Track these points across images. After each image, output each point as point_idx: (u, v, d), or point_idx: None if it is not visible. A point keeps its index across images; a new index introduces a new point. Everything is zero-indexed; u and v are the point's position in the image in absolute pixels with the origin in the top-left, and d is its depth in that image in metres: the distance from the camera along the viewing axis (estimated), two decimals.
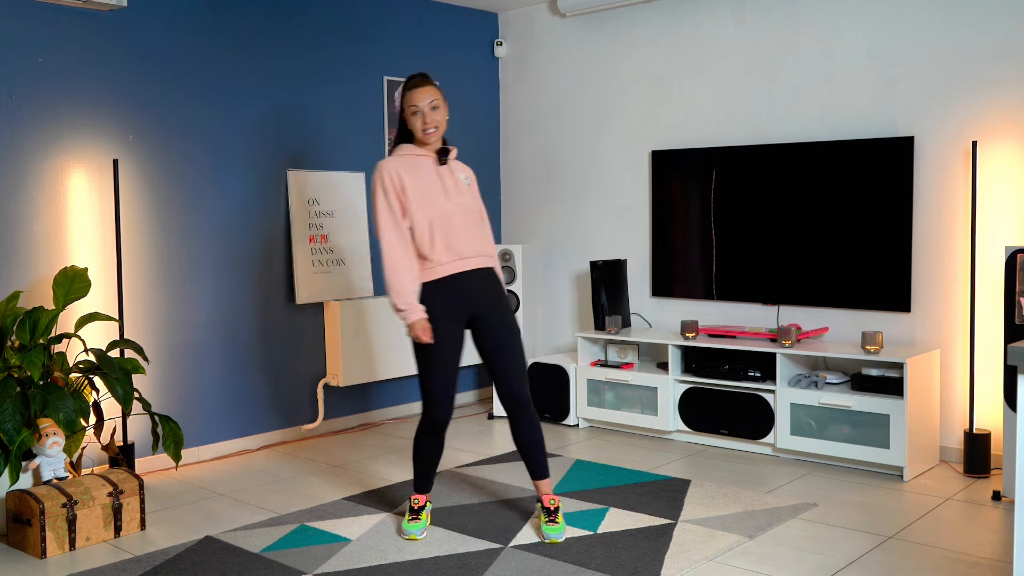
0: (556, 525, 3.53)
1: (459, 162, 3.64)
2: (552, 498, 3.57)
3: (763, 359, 4.73)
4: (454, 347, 3.49)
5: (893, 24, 4.65)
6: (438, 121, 3.48)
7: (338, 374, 5.25)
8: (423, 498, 3.67)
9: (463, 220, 3.50)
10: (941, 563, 3.29)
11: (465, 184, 3.57)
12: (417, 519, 3.61)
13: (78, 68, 4.36)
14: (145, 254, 4.61)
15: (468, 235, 3.50)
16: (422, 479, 3.67)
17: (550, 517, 3.54)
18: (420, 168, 3.50)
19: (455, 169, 3.57)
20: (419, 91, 3.46)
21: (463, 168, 3.64)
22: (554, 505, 3.56)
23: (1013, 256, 3.92)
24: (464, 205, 3.52)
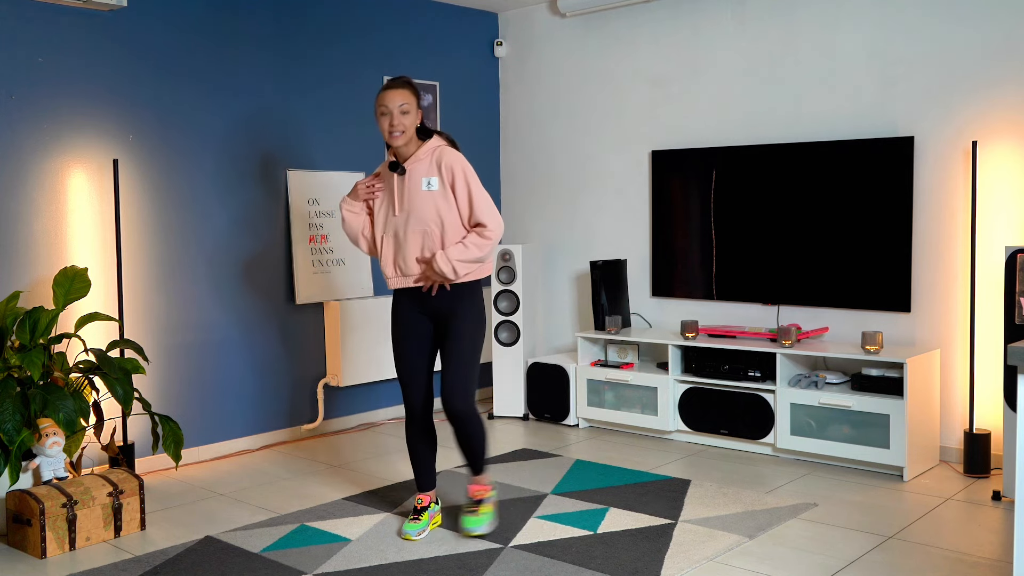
0: (474, 516, 3.59)
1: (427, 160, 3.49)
2: (478, 488, 3.62)
3: (763, 359, 4.73)
4: (414, 338, 3.57)
5: (893, 24, 4.65)
6: (406, 125, 3.44)
7: (338, 374, 5.25)
8: (425, 498, 3.67)
9: (409, 235, 3.47)
10: (941, 563, 3.29)
11: (427, 190, 3.46)
12: (417, 519, 3.62)
13: (78, 68, 4.36)
14: (145, 254, 4.61)
15: (412, 254, 3.48)
16: (417, 475, 3.70)
17: (471, 507, 3.61)
18: (388, 180, 3.57)
19: (417, 175, 3.48)
20: (391, 92, 3.44)
21: (429, 170, 3.48)
22: (478, 496, 3.61)
23: (1013, 256, 3.92)
24: (413, 221, 3.46)
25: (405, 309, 3.58)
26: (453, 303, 3.52)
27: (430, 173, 3.49)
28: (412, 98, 3.47)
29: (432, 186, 3.47)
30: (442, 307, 3.53)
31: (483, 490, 3.63)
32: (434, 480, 3.72)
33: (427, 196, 3.47)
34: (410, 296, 3.57)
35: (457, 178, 3.47)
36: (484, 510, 3.60)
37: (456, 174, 3.47)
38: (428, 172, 3.49)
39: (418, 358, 3.60)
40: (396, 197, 3.50)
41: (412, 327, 3.58)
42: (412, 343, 3.58)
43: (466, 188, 3.46)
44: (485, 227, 3.46)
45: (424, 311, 3.56)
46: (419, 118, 3.51)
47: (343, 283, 5.38)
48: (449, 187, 3.47)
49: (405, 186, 3.49)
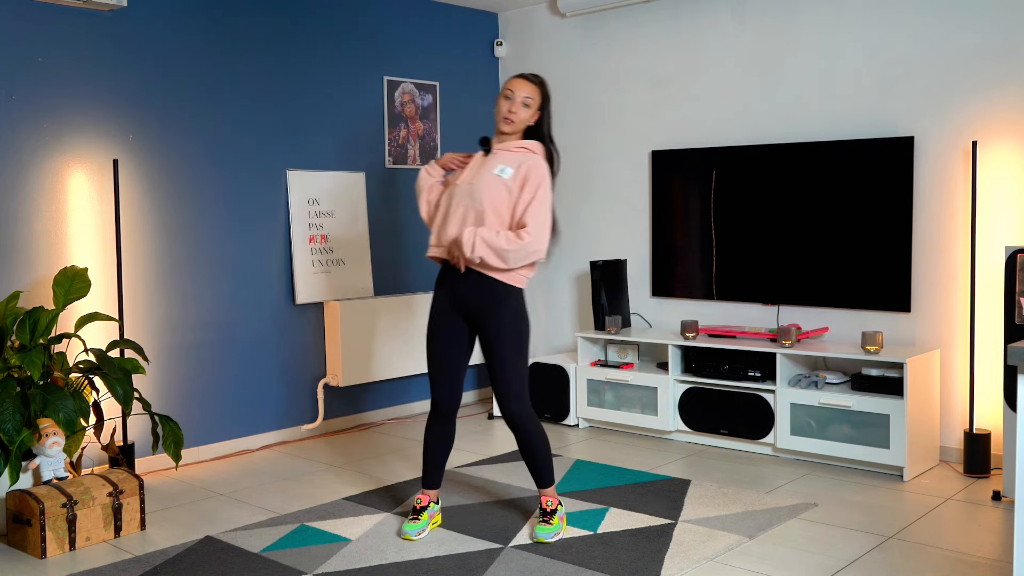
0: (548, 525, 3.54)
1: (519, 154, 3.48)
2: (550, 499, 3.58)
3: (763, 359, 4.73)
4: (447, 335, 3.54)
5: (893, 24, 4.65)
6: (521, 117, 3.47)
7: (338, 374, 5.25)
8: (426, 498, 3.66)
9: (456, 210, 3.48)
10: (941, 563, 3.29)
11: (498, 175, 3.44)
12: (417, 519, 3.61)
13: (78, 68, 4.36)
14: (145, 254, 4.61)
15: (454, 225, 3.47)
16: (425, 472, 3.67)
17: (544, 517, 3.56)
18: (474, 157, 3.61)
19: (497, 159, 3.49)
20: (522, 81, 3.52)
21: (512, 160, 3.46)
22: (551, 507, 3.56)
23: (1013, 256, 3.92)
24: (472, 196, 3.44)
25: (442, 304, 3.56)
26: (487, 304, 3.46)
27: (509, 163, 3.47)
28: (539, 96, 3.52)
29: (504, 174, 3.45)
30: (476, 307, 3.48)
31: (554, 500, 3.59)
32: (440, 480, 3.70)
33: (494, 180, 3.44)
34: (448, 290, 3.53)
35: (530, 181, 3.43)
36: (556, 521, 3.56)
37: (531, 179, 3.43)
38: (508, 162, 3.47)
39: (448, 354, 3.56)
40: (468, 173, 3.52)
41: (446, 323, 3.55)
42: (444, 339, 3.55)
43: (532, 195, 3.42)
44: (525, 228, 3.40)
45: (459, 309, 3.52)
46: (535, 120, 3.53)
47: (343, 283, 5.38)
48: (519, 186, 3.43)
49: (483, 164, 3.51)
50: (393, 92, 5.68)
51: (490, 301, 3.46)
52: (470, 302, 3.49)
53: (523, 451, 3.58)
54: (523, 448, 3.57)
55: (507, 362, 3.47)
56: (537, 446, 3.55)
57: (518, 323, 3.49)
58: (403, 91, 5.72)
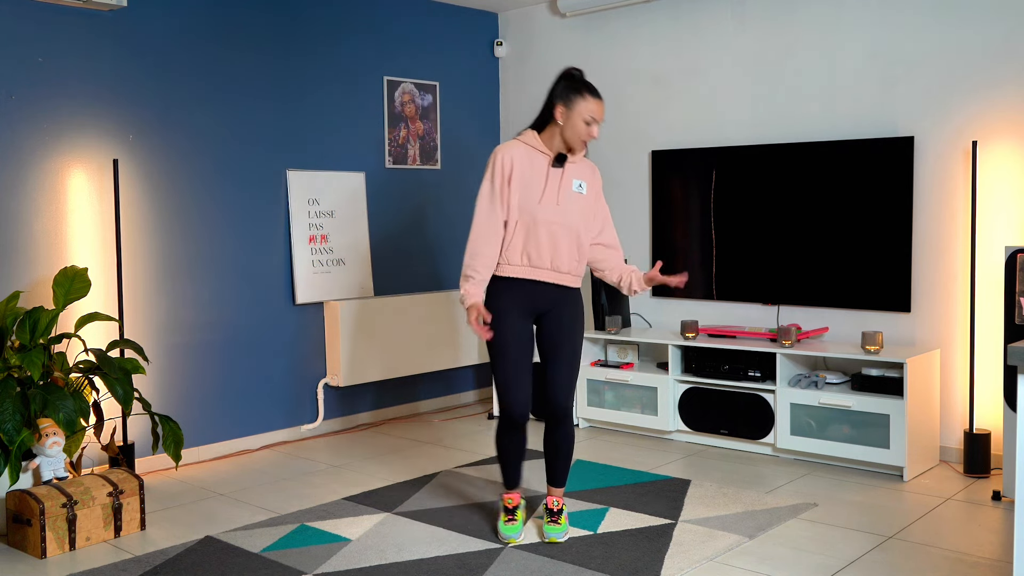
0: (557, 525, 3.53)
1: (583, 164, 3.51)
2: (557, 499, 3.57)
3: (763, 359, 4.73)
4: (521, 339, 3.45)
5: (893, 24, 4.65)
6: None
7: (338, 374, 5.25)
8: (516, 497, 3.62)
9: (550, 232, 3.39)
10: (941, 563, 3.29)
11: (577, 191, 3.44)
12: (513, 520, 3.58)
13: (78, 68, 4.36)
14: (145, 254, 4.61)
15: (547, 248, 3.40)
16: (508, 476, 3.62)
17: (552, 517, 3.55)
18: (534, 163, 3.43)
19: (570, 174, 3.45)
20: (601, 104, 3.43)
21: (583, 173, 3.48)
22: (557, 506, 3.56)
23: (1013, 256, 3.92)
24: (561, 217, 3.39)
25: (514, 308, 3.44)
26: (569, 301, 3.50)
27: (582, 177, 3.48)
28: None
29: (583, 189, 3.47)
30: (556, 305, 3.48)
31: (560, 500, 3.58)
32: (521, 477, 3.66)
33: (577, 197, 3.45)
34: (522, 298, 3.44)
35: (600, 192, 3.55)
36: (563, 520, 3.55)
37: (599, 188, 3.55)
38: (580, 175, 3.48)
39: (525, 364, 3.48)
40: (548, 186, 3.40)
41: (521, 331, 3.46)
42: (522, 349, 3.46)
43: (604, 205, 3.57)
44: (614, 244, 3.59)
45: (533, 309, 3.47)
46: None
47: (343, 283, 5.38)
48: (594, 198, 3.52)
49: (560, 181, 3.43)
50: (393, 92, 5.68)
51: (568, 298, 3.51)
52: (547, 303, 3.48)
53: (554, 448, 3.56)
54: (557, 445, 3.55)
55: (577, 355, 3.54)
56: (570, 444, 3.58)
57: (583, 324, 3.60)
58: (403, 91, 5.72)
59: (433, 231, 5.89)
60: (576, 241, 3.44)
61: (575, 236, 3.43)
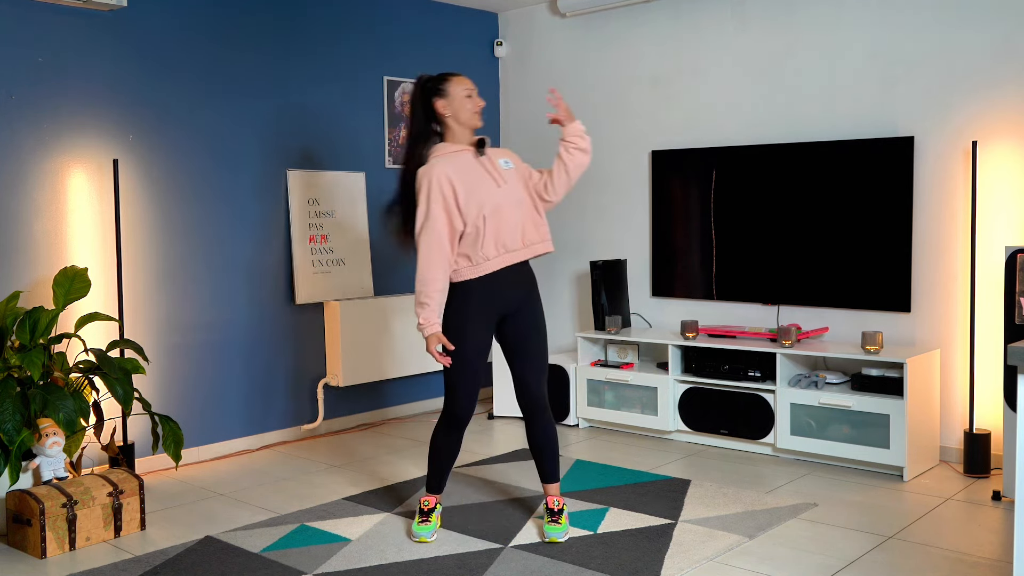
0: (558, 525, 3.53)
1: (496, 148, 3.61)
2: (557, 499, 3.57)
3: (763, 359, 4.73)
4: (481, 347, 3.48)
5: (893, 24, 4.65)
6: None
7: (338, 374, 5.25)
8: (433, 500, 3.63)
9: (512, 211, 3.45)
10: (941, 563, 3.29)
11: (507, 168, 3.52)
12: (427, 521, 3.58)
13: (78, 68, 4.36)
14: (145, 254, 4.61)
15: (517, 226, 3.46)
16: (435, 479, 3.63)
17: (552, 517, 3.54)
18: (464, 164, 3.44)
19: (495, 156, 3.53)
20: (464, 77, 3.56)
21: (502, 153, 3.59)
22: (558, 506, 3.56)
23: (1013, 256, 3.92)
24: (513, 193, 3.47)
25: (479, 317, 3.44)
26: (531, 291, 3.54)
27: (504, 156, 3.58)
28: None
29: (510, 164, 3.55)
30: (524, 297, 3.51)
31: (561, 500, 3.58)
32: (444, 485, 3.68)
33: (511, 173, 3.52)
34: (495, 293, 3.45)
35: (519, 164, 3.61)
36: (563, 520, 3.55)
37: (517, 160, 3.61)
38: (502, 155, 3.57)
39: (481, 366, 3.50)
40: (491, 174, 3.45)
41: (484, 334, 3.47)
42: (481, 351, 3.47)
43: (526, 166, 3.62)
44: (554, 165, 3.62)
45: (500, 307, 3.48)
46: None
47: (343, 283, 5.38)
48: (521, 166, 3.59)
49: (492, 164, 3.49)
50: (393, 92, 5.67)
51: (534, 288, 3.56)
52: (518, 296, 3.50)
53: (540, 441, 3.55)
54: (541, 438, 3.55)
55: (545, 347, 3.57)
56: (554, 434, 3.58)
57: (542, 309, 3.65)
58: (403, 91, 5.72)
59: None
60: (530, 209, 3.53)
61: (529, 206, 3.53)
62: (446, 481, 3.67)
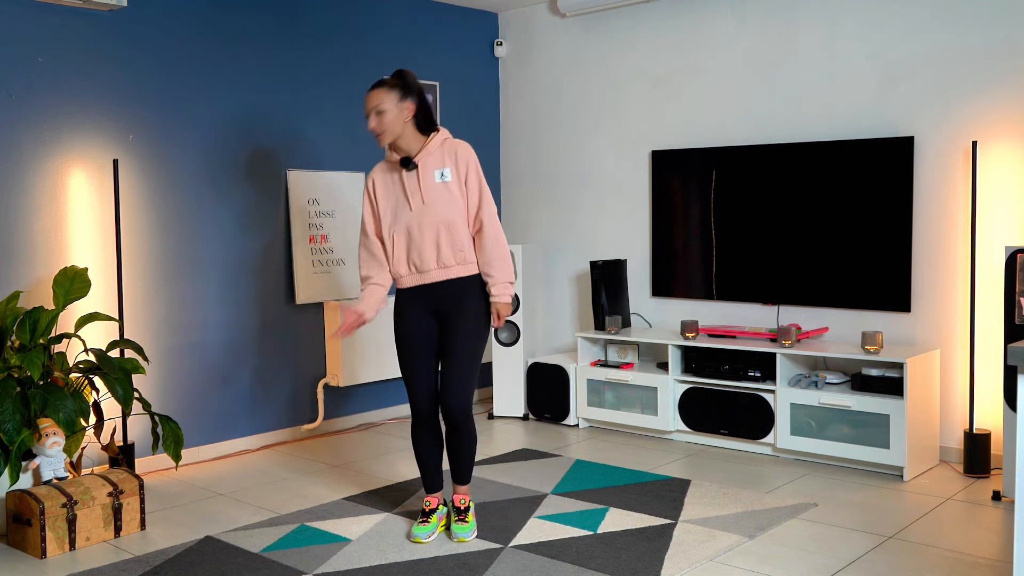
0: (464, 523, 3.57)
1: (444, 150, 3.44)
2: (463, 498, 3.61)
3: (763, 359, 4.73)
4: (420, 338, 3.51)
5: (893, 24, 4.65)
6: (384, 126, 3.38)
7: (338, 374, 5.25)
8: (434, 500, 3.64)
9: (424, 232, 3.41)
10: (941, 563, 3.29)
11: (440, 182, 3.42)
12: (426, 522, 3.59)
13: (78, 68, 4.36)
14: (145, 254, 4.61)
15: (431, 247, 3.42)
16: (424, 477, 3.65)
17: (459, 516, 3.59)
18: (392, 177, 3.49)
19: (430, 167, 3.43)
20: (369, 94, 3.43)
21: (444, 160, 3.43)
22: (464, 504, 3.60)
23: (1013, 256, 3.92)
24: (431, 214, 3.39)
25: (412, 308, 3.51)
26: (461, 300, 3.47)
27: (443, 164, 3.44)
28: (389, 96, 3.39)
29: (446, 177, 3.42)
30: (450, 304, 3.47)
31: (467, 497, 3.62)
32: (441, 482, 3.68)
33: (442, 188, 3.42)
34: (419, 294, 3.50)
35: (471, 171, 3.46)
36: (471, 518, 3.59)
37: (470, 167, 3.46)
38: (440, 163, 3.44)
39: (425, 358, 3.53)
40: (408, 192, 3.43)
41: (420, 326, 3.51)
42: (420, 342, 3.51)
43: (477, 182, 3.46)
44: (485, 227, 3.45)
45: (431, 310, 3.50)
46: (409, 112, 3.42)
47: (343, 283, 5.38)
48: (463, 179, 3.44)
49: (418, 181, 3.43)
50: None
51: (464, 298, 3.48)
52: (444, 304, 3.48)
53: (452, 451, 3.57)
54: (453, 445, 3.56)
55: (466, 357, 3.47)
56: (468, 445, 3.57)
57: (483, 325, 3.52)
58: None
59: None
60: (453, 232, 3.41)
61: (451, 227, 3.41)
62: (439, 479, 3.66)
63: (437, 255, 3.43)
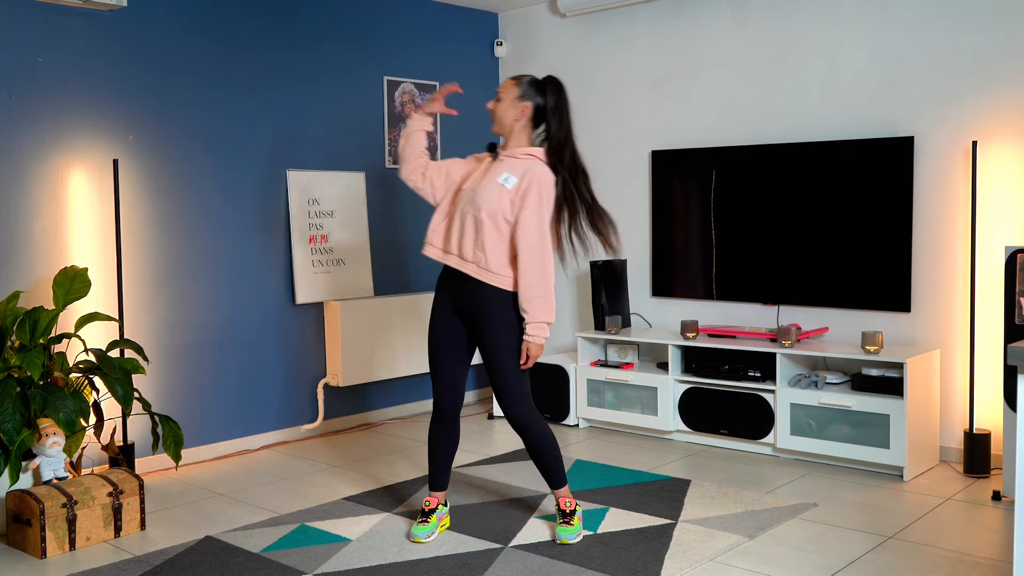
0: (569, 526, 3.52)
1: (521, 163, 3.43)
2: (567, 500, 3.56)
3: (763, 359, 4.73)
4: (446, 334, 3.52)
5: (893, 24, 4.65)
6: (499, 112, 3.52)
7: (338, 374, 5.25)
8: (434, 500, 3.63)
9: (458, 214, 3.45)
10: (941, 563, 3.29)
11: (501, 183, 3.40)
12: (426, 522, 3.58)
13: (78, 68, 4.36)
14: (145, 254, 4.61)
15: (455, 230, 3.45)
16: (431, 473, 3.64)
17: (564, 519, 3.54)
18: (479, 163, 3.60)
19: (502, 167, 3.45)
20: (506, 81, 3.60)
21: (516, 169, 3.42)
22: (569, 507, 3.55)
23: (1013, 256, 3.92)
24: (472, 201, 3.40)
25: (442, 304, 3.55)
26: (487, 309, 3.42)
27: (513, 172, 3.42)
28: (512, 89, 3.51)
29: (507, 183, 3.40)
30: (474, 309, 3.45)
31: (571, 500, 3.56)
32: (447, 482, 3.67)
33: (497, 189, 3.40)
34: (447, 289, 3.52)
35: (530, 195, 3.36)
36: (576, 521, 3.54)
37: (531, 189, 3.37)
38: (512, 171, 3.43)
39: (449, 354, 3.53)
40: (472, 175, 3.51)
41: (447, 323, 3.53)
42: (445, 338, 3.53)
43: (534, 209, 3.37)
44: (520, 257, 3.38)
45: (457, 309, 3.51)
46: (523, 114, 3.47)
47: (343, 283, 5.38)
48: (520, 196, 3.38)
49: (486, 171, 3.48)
50: (393, 92, 5.68)
51: (488, 305, 3.43)
52: (466, 304, 3.48)
53: (533, 454, 3.55)
54: (533, 451, 3.54)
55: (505, 364, 3.44)
56: (544, 447, 3.51)
57: (514, 329, 3.43)
58: (403, 91, 5.72)
59: None
60: (480, 227, 3.37)
61: (479, 222, 3.38)
62: (443, 479, 3.64)
63: (460, 243, 3.45)
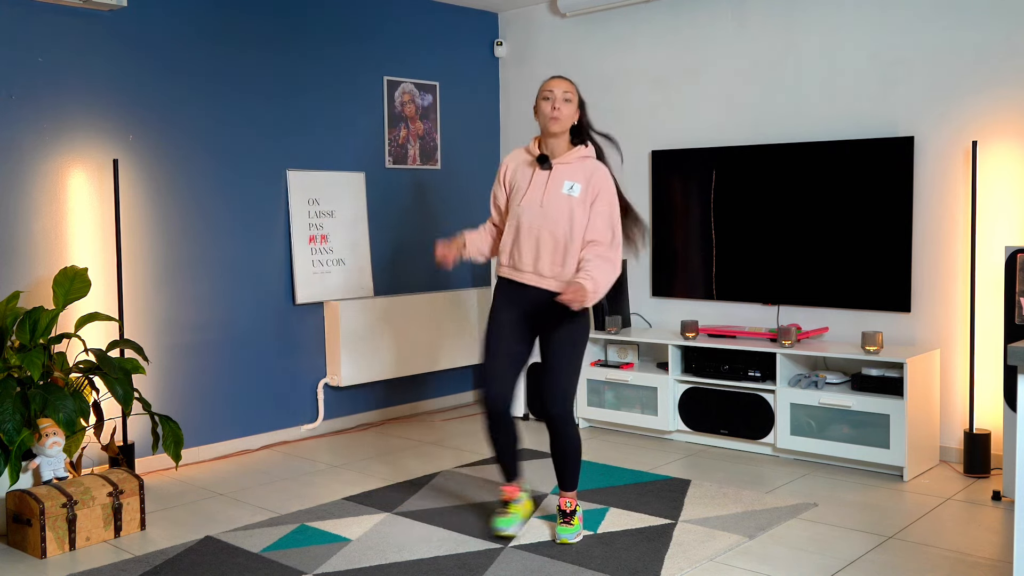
0: (569, 526, 3.53)
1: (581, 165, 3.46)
2: (569, 501, 3.56)
3: (763, 359, 4.73)
4: (504, 333, 3.50)
5: (893, 24, 4.65)
6: (565, 114, 3.42)
7: (338, 374, 5.25)
8: (511, 491, 3.65)
9: (532, 234, 3.42)
10: (941, 563, 3.29)
11: (567, 193, 3.40)
12: (504, 513, 3.60)
13: (78, 68, 4.36)
14: (145, 254, 4.61)
15: (529, 251, 3.43)
16: (501, 468, 3.66)
17: (564, 519, 3.54)
18: (525, 169, 3.53)
19: (561, 175, 3.43)
20: (557, 79, 3.50)
21: (578, 174, 3.43)
22: (570, 508, 3.55)
23: (1013, 256, 3.92)
24: (543, 219, 3.39)
25: (506, 305, 3.52)
26: (559, 314, 3.42)
27: (574, 178, 3.43)
28: (576, 92, 3.48)
29: (574, 192, 3.41)
30: (547, 314, 3.44)
31: (573, 501, 3.57)
32: (517, 470, 3.66)
33: (565, 200, 3.40)
34: (513, 291, 3.51)
35: (601, 198, 3.43)
36: (576, 521, 3.55)
37: (601, 194, 3.43)
38: (573, 176, 3.43)
39: (506, 353, 3.51)
40: (531, 189, 3.46)
41: (509, 321, 3.51)
42: (505, 336, 3.51)
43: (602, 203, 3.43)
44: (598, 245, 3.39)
45: (526, 311, 3.49)
46: (577, 118, 3.49)
47: (343, 283, 5.38)
48: (590, 201, 3.41)
49: (546, 183, 3.44)
50: (393, 92, 5.68)
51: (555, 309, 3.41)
52: (542, 309, 3.46)
53: (556, 454, 3.55)
54: (557, 450, 3.54)
55: (567, 362, 3.47)
56: (569, 449, 3.53)
57: (585, 330, 3.53)
58: (403, 91, 5.72)
59: (433, 231, 5.88)
60: (559, 245, 3.41)
61: (558, 240, 3.40)
62: (515, 468, 3.65)
63: (535, 261, 3.44)
